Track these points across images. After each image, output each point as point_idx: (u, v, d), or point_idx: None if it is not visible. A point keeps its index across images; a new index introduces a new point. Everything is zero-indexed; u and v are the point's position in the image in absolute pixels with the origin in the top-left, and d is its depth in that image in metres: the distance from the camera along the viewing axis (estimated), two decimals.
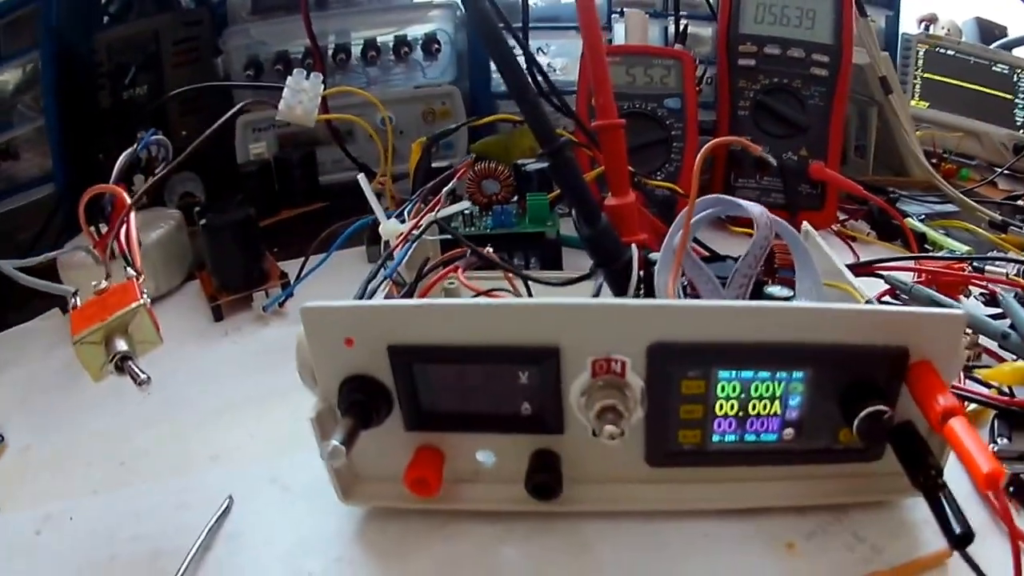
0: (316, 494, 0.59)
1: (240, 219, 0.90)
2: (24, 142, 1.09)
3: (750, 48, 1.11)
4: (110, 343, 0.54)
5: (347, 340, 0.50)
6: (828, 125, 1.09)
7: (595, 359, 0.50)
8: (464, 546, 0.55)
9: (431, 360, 0.51)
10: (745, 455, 0.54)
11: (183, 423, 0.72)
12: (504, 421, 0.53)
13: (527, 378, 0.51)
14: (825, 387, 0.51)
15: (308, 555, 0.55)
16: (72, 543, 0.58)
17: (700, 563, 0.53)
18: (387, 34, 1.26)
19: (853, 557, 0.53)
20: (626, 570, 0.53)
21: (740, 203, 0.64)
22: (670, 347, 0.50)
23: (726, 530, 0.55)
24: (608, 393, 0.50)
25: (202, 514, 0.58)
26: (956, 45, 1.54)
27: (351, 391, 0.51)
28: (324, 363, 0.52)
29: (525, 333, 0.50)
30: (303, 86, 0.93)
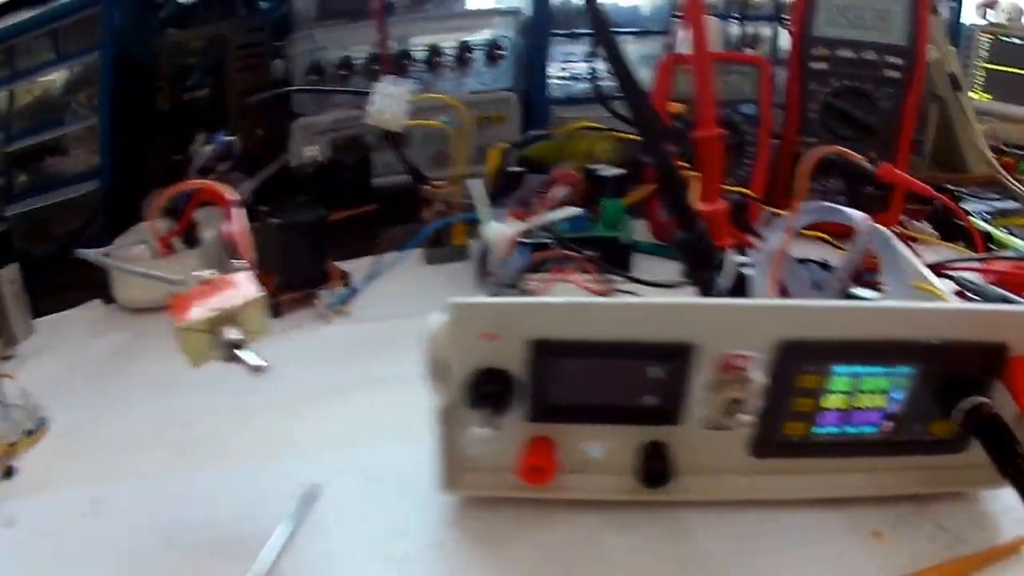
0: (403, 484, 0.61)
1: (314, 220, 0.93)
2: (74, 139, 1.11)
3: (823, 51, 1.12)
4: (218, 331, 0.55)
5: (489, 334, 0.52)
6: (898, 127, 1.10)
7: (725, 355, 0.52)
8: (563, 534, 0.57)
9: (567, 354, 0.53)
10: (845, 446, 0.57)
11: (250, 413, 0.73)
12: (625, 413, 0.55)
13: (656, 373, 0.53)
14: (928, 381, 0.54)
15: (401, 539, 0.56)
16: (127, 525, 0.59)
17: (795, 551, 0.55)
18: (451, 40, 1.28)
19: (935, 545, 0.55)
20: (724, 557, 0.55)
21: (842, 210, 0.66)
22: (796, 344, 0.52)
23: (818, 519, 0.58)
24: (734, 387, 0.52)
25: (282, 501, 0.59)
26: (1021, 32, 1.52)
27: (484, 383, 0.53)
28: (461, 355, 0.54)
29: (662, 331, 0.52)
30: (391, 92, 0.96)
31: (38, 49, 1.08)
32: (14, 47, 1.08)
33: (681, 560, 0.54)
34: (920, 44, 1.09)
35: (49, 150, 1.11)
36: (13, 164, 1.09)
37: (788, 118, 1.16)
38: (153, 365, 0.81)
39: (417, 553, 0.55)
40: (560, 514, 0.58)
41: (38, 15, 1.07)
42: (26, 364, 0.83)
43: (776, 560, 0.54)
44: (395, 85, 0.96)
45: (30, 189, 1.11)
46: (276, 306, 0.90)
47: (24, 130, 1.09)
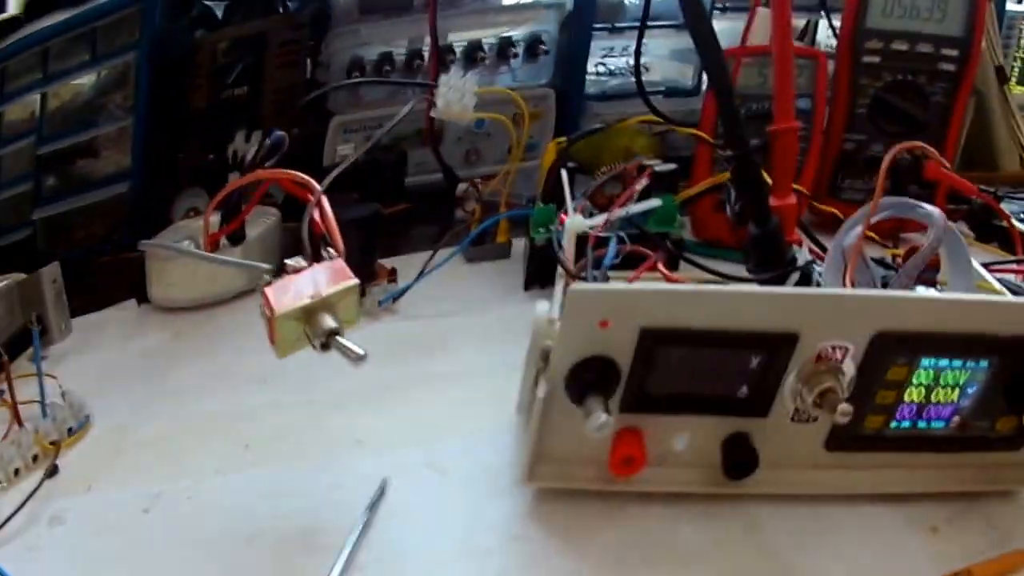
0: (475, 477, 0.62)
1: (368, 215, 0.94)
2: (106, 141, 1.11)
3: (876, 44, 1.11)
4: (312, 320, 0.56)
5: (602, 322, 0.53)
6: (948, 122, 1.10)
7: (823, 345, 0.53)
8: (641, 525, 0.58)
9: (676, 343, 0.54)
10: (914, 441, 0.59)
11: (313, 408, 0.74)
12: (718, 404, 0.57)
13: (757, 363, 0.55)
14: (1002, 376, 0.56)
15: (481, 533, 0.57)
16: (192, 521, 0.60)
17: (855, 545, 0.57)
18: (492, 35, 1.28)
19: (986, 541, 0.57)
20: (791, 550, 0.56)
21: (919, 205, 0.67)
22: (891, 335, 0.54)
23: (876, 514, 0.60)
24: (827, 377, 0.53)
25: (353, 495, 0.60)
26: None
27: (589, 370, 0.54)
28: (572, 343, 0.54)
29: (771, 320, 0.53)
30: (457, 84, 0.96)
31: (74, 51, 1.08)
32: (49, 49, 1.07)
33: (750, 553, 0.56)
34: (978, 35, 1.09)
35: (81, 152, 1.10)
36: (43, 167, 1.08)
37: (835, 113, 1.15)
38: (195, 364, 0.82)
39: (497, 546, 0.56)
40: (632, 507, 0.59)
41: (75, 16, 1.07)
42: (65, 363, 0.84)
43: (837, 553, 0.56)
44: (461, 77, 0.96)
45: (58, 192, 1.10)
46: None
47: (56, 133, 1.08)
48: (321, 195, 0.65)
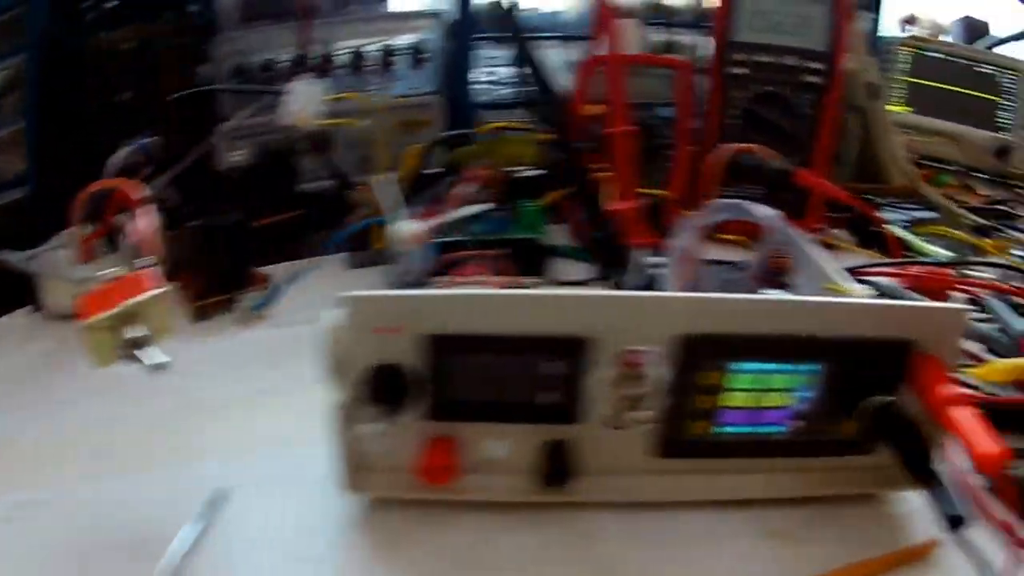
0: (311, 487, 0.61)
1: (233, 223, 0.93)
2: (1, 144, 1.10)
3: (743, 56, 1.13)
4: (123, 329, 0.56)
5: (388, 329, 0.53)
6: (816, 133, 1.13)
7: (622, 350, 0.54)
8: (466, 534, 0.58)
9: (466, 349, 0.54)
10: (751, 446, 0.59)
11: (170, 418, 0.73)
12: (524, 411, 0.56)
13: (555, 368, 0.55)
14: (834, 379, 0.56)
15: (308, 541, 0.58)
16: (48, 530, 0.59)
17: (700, 552, 0.57)
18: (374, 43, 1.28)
19: (844, 546, 0.56)
20: (628, 559, 0.56)
21: (752, 207, 0.68)
22: (694, 339, 0.54)
23: (725, 520, 0.59)
24: (631, 383, 0.54)
25: (192, 505, 0.60)
26: (943, 47, 1.58)
27: (382, 379, 0.54)
28: (359, 351, 0.54)
29: (562, 324, 0.53)
30: (305, 92, 0.98)
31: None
32: None
33: (583, 562, 0.56)
34: (839, 49, 1.11)
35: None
36: None
37: (708, 124, 1.16)
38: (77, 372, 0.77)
39: (324, 554, 0.57)
40: (465, 514, 0.59)
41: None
42: None
43: (682, 562, 0.56)
44: (310, 85, 0.96)
45: None
46: (198, 310, 0.91)
47: None
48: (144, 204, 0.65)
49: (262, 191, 1.16)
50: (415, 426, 0.56)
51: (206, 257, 0.92)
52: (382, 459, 0.59)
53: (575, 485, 0.57)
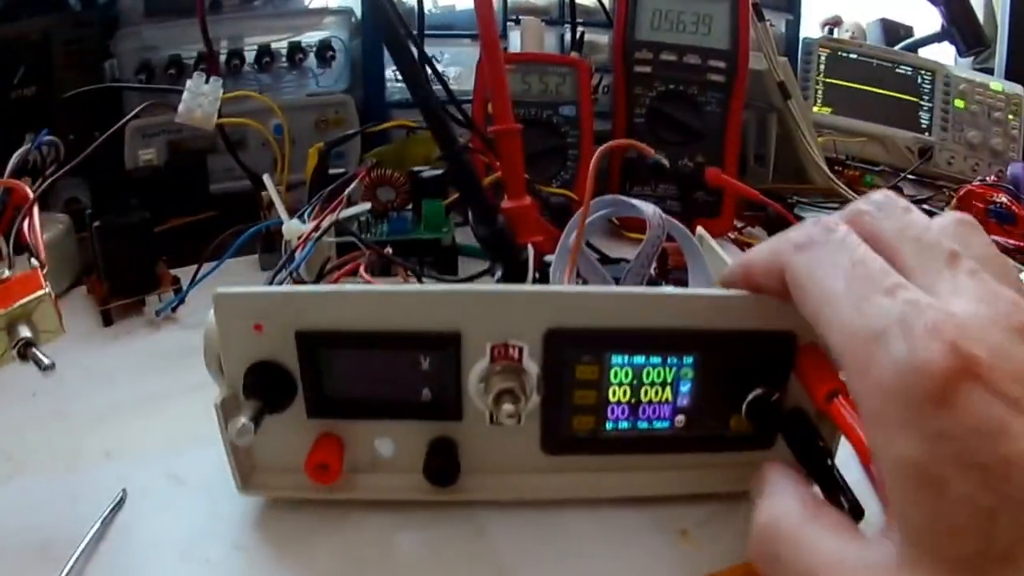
0: (212, 487, 0.61)
1: (136, 222, 0.92)
2: None
3: (646, 55, 1.15)
4: (12, 331, 0.56)
5: (256, 326, 0.54)
6: (725, 131, 1.14)
7: (494, 344, 0.54)
8: (363, 534, 0.58)
9: (337, 346, 0.55)
10: (638, 442, 0.59)
11: (74, 421, 0.73)
12: (404, 407, 0.57)
13: (428, 364, 0.55)
14: (714, 372, 0.56)
15: (205, 544, 0.57)
16: None
17: (595, 549, 0.57)
18: (281, 40, 1.29)
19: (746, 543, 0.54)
20: (519, 557, 0.56)
21: (633, 203, 0.69)
22: (565, 332, 0.54)
23: (621, 518, 0.60)
24: (506, 377, 0.54)
25: (95, 508, 0.59)
26: (858, 48, 1.61)
27: (257, 376, 0.54)
28: (232, 349, 0.55)
29: (429, 319, 0.54)
30: (203, 90, 0.96)
31: None
32: None
33: (479, 560, 0.56)
34: (743, 48, 1.14)
35: None
36: None
37: (615, 122, 1.19)
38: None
39: (221, 556, 0.57)
40: (359, 514, 0.60)
41: None
42: None
43: (578, 559, 0.56)
44: (205, 83, 0.96)
45: None
46: (106, 313, 0.91)
47: None
48: (32, 204, 0.65)
49: (173, 191, 1.16)
50: (299, 425, 0.57)
51: (112, 258, 0.92)
52: (274, 459, 0.59)
53: (464, 483, 0.58)
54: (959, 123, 1.57)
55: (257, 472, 0.60)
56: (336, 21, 1.33)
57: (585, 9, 1.45)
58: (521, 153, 0.80)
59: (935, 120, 1.57)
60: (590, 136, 1.15)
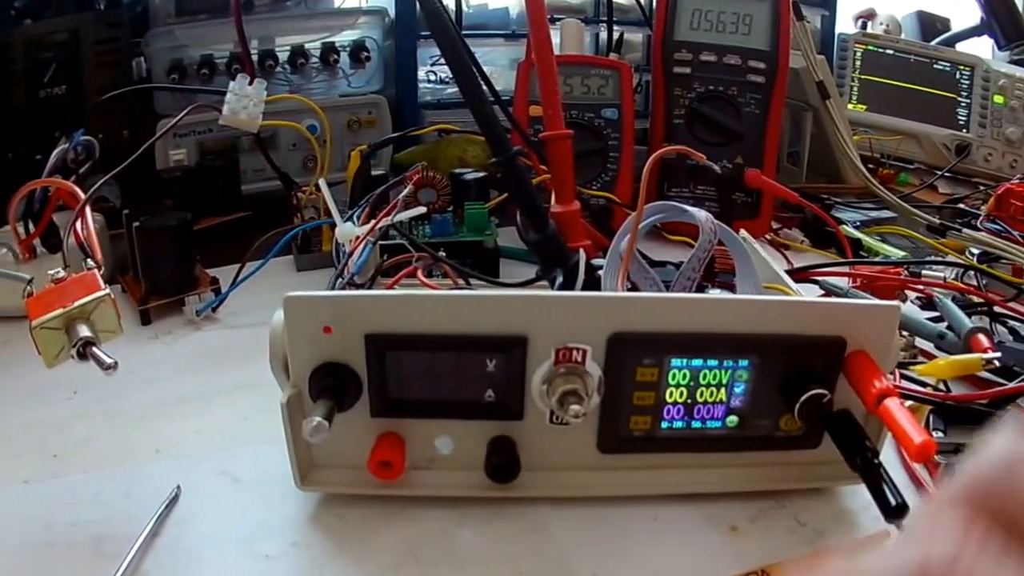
0: (267, 484, 0.63)
1: (176, 223, 0.94)
2: None
3: (685, 55, 1.15)
4: (71, 329, 0.58)
5: (325, 328, 0.56)
6: (764, 132, 1.15)
7: (559, 348, 0.56)
8: (422, 529, 0.60)
9: (404, 348, 0.57)
10: (692, 442, 0.61)
11: (120, 418, 0.74)
12: (467, 408, 0.59)
13: (494, 366, 0.57)
14: (768, 375, 0.58)
15: (264, 539, 0.59)
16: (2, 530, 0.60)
17: (649, 544, 0.59)
18: (314, 40, 1.30)
19: (795, 539, 0.59)
20: (578, 552, 0.58)
21: (686, 208, 0.70)
22: (628, 337, 0.57)
23: (673, 514, 0.62)
24: (569, 379, 0.56)
25: (148, 503, 0.61)
26: (895, 44, 1.59)
27: (324, 376, 0.56)
28: (300, 350, 0.57)
29: (496, 323, 0.56)
30: (247, 91, 0.97)
31: None
32: None
33: (534, 556, 0.58)
34: (783, 48, 1.14)
35: None
36: None
37: (653, 123, 1.20)
38: (23, 373, 0.80)
39: (280, 551, 0.58)
40: (417, 510, 0.61)
41: None
42: None
43: (630, 554, 0.58)
44: (250, 85, 0.97)
45: None
46: (145, 312, 0.92)
47: None
48: (84, 205, 0.66)
49: (204, 192, 1.17)
50: (361, 423, 0.59)
51: (152, 258, 0.93)
52: (333, 456, 0.61)
53: (522, 481, 0.60)
54: (998, 119, 1.54)
55: (316, 469, 0.62)
56: (369, 21, 1.34)
57: (619, 7, 1.46)
58: (571, 158, 0.81)
59: (973, 116, 1.55)
60: (631, 139, 1.15)
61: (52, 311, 0.58)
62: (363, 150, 1.03)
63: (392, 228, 0.83)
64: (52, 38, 1.17)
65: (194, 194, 1.15)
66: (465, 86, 0.72)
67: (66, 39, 1.17)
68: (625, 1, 1.48)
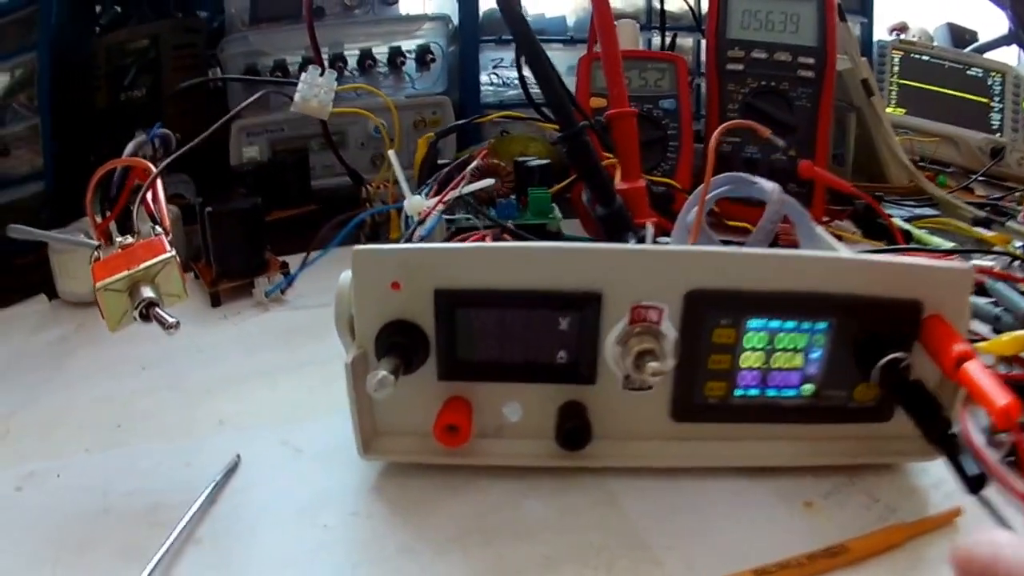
0: (328, 456, 0.59)
1: (247, 207, 0.91)
2: (16, 140, 1.08)
3: (738, 53, 1.11)
4: (135, 292, 0.54)
5: (394, 284, 0.50)
6: (816, 125, 1.10)
7: (634, 305, 0.50)
8: (488, 500, 0.54)
9: (474, 304, 0.51)
10: (766, 411, 0.54)
11: (186, 392, 0.71)
12: (538, 370, 0.53)
13: (567, 325, 0.51)
14: (845, 339, 0.52)
15: (323, 509, 0.54)
16: (58, 498, 0.57)
17: (722, 517, 0.53)
18: (382, 45, 1.27)
19: (870, 515, 0.53)
20: (650, 524, 0.52)
21: (754, 179, 0.66)
22: (706, 294, 0.50)
23: (746, 488, 0.55)
24: (644, 339, 0.49)
25: (208, 473, 0.57)
26: (930, 50, 1.56)
27: (392, 335, 0.51)
28: (367, 307, 0.51)
29: (571, 277, 0.50)
30: (318, 81, 0.93)
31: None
32: None
33: (605, 527, 0.52)
34: (830, 44, 1.09)
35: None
36: None
37: (709, 119, 1.15)
38: (94, 352, 0.79)
39: (339, 521, 0.53)
40: (482, 481, 0.56)
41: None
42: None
43: (703, 527, 0.52)
44: (321, 76, 0.93)
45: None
46: (215, 295, 0.89)
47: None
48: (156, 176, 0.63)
49: (276, 186, 1.14)
50: (429, 387, 0.53)
51: (222, 242, 0.90)
52: (397, 423, 0.55)
53: (593, 449, 0.54)
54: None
55: (379, 437, 0.56)
56: (434, 27, 1.30)
57: (671, 15, 1.42)
58: (636, 136, 0.76)
59: (1006, 120, 1.51)
60: (689, 128, 1.11)
61: (117, 273, 0.54)
62: (430, 137, 0.98)
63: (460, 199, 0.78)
64: (133, 44, 1.15)
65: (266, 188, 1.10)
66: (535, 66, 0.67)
67: (146, 45, 1.16)
68: (676, 9, 1.44)
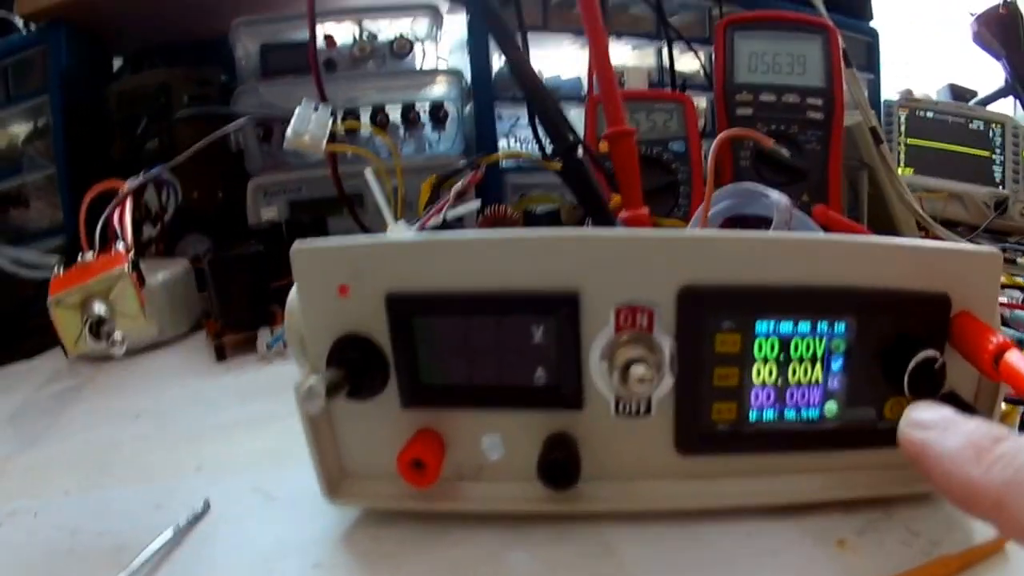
0: (301, 503, 0.53)
1: (249, 254, 0.86)
2: (34, 190, 1.07)
3: (746, 97, 1.06)
4: (88, 308, 0.51)
5: (341, 288, 0.43)
6: (827, 168, 1.05)
7: (619, 308, 0.42)
8: (468, 552, 0.46)
9: (434, 312, 0.43)
10: (785, 438, 0.46)
11: (172, 439, 0.68)
12: (515, 393, 0.44)
13: (542, 335, 0.43)
14: (868, 344, 0.44)
15: (285, 559, 0.47)
16: (31, 536, 0.54)
17: (743, 567, 0.44)
18: (395, 101, 1.22)
19: (911, 551, 0.44)
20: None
21: (759, 189, 0.59)
22: (702, 291, 0.42)
23: (768, 529, 0.47)
24: (634, 347, 0.41)
25: (177, 516, 0.52)
26: (934, 106, 1.56)
27: (343, 352, 0.43)
28: (315, 317, 0.44)
29: (543, 272, 0.42)
30: (312, 116, 0.87)
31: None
32: None
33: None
34: (837, 83, 1.05)
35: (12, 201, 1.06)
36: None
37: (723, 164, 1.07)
38: (98, 402, 0.76)
39: (297, 572, 0.46)
40: (462, 530, 0.48)
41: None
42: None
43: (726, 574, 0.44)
44: (314, 108, 0.87)
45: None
46: (219, 348, 0.84)
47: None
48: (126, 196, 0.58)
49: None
50: (393, 418, 0.45)
51: (224, 290, 0.85)
52: (366, 462, 0.48)
53: (587, 491, 0.46)
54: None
55: (348, 479, 0.49)
56: (447, 80, 1.25)
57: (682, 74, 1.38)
58: (636, 158, 0.68)
59: (1007, 172, 1.50)
60: (700, 170, 1.06)
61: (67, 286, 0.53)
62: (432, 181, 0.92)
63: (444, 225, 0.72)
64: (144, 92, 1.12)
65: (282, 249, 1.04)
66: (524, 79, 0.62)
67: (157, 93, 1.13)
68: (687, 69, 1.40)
